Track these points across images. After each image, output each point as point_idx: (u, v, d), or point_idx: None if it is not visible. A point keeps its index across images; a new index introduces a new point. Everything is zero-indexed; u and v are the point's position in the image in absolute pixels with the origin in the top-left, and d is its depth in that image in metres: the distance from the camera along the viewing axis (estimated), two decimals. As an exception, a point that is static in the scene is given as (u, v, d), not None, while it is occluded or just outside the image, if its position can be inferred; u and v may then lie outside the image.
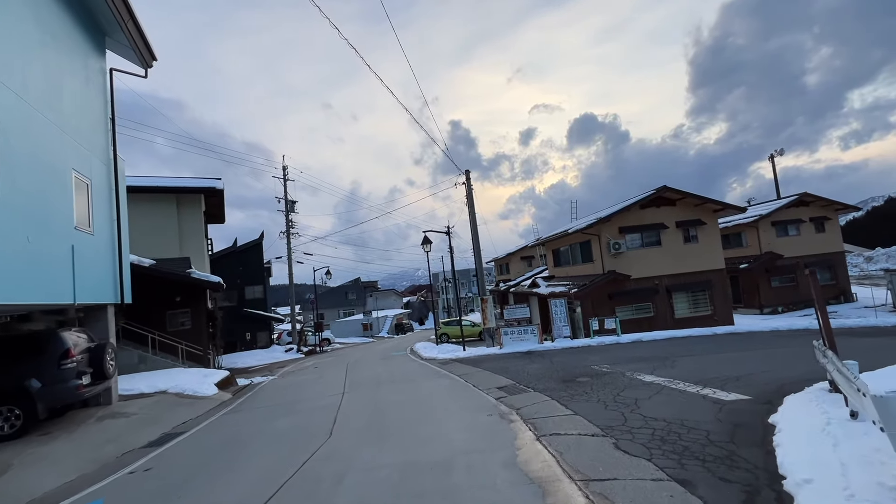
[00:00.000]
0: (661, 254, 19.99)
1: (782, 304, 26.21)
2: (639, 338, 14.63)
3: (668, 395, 7.05)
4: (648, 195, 19.82)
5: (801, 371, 8.30)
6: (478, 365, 13.17)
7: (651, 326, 19.38)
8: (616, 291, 19.74)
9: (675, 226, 20.07)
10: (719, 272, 20.12)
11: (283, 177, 33.15)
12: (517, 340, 15.50)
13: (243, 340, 31.93)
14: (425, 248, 18.42)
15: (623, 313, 19.67)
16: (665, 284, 19.84)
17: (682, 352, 11.60)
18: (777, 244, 26.51)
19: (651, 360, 10.59)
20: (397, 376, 13.06)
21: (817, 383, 7.03)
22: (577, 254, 23.24)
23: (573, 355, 12.80)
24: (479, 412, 7.19)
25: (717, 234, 20.61)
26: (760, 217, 26.57)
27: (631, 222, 20.07)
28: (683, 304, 19.94)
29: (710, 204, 19.95)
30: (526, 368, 11.33)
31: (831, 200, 26.89)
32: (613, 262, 19.84)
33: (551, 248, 27.50)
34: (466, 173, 18.27)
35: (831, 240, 27.11)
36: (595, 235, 20.42)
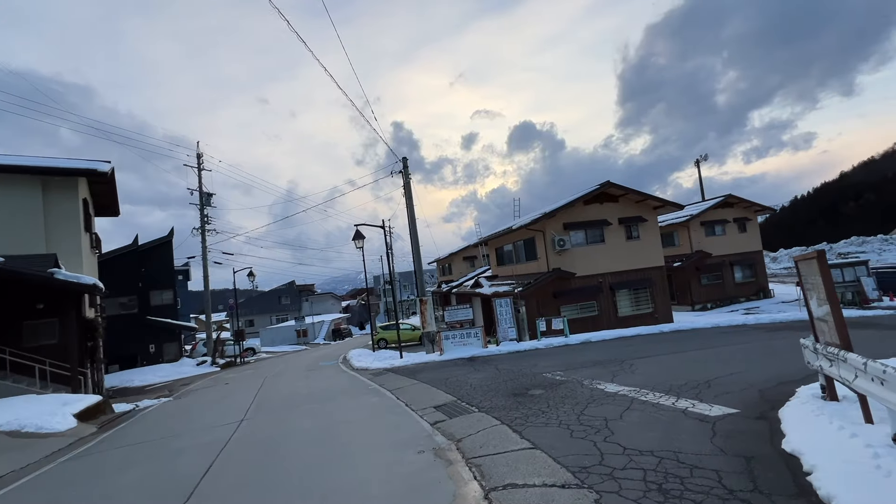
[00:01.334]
0: (605, 251, 19.55)
1: (711, 301, 27.27)
2: (588, 338, 13.68)
3: (641, 411, 5.74)
4: (592, 190, 19.29)
5: (768, 373, 7.48)
6: (415, 376, 11.39)
7: (595, 325, 18.79)
8: (561, 290, 18.94)
9: (618, 222, 19.74)
10: (659, 269, 20.09)
11: (198, 166, 29.13)
12: (459, 345, 13.95)
13: (146, 354, 27.45)
14: (357, 243, 16.35)
15: (568, 312, 18.89)
16: (609, 282, 19.40)
17: (636, 353, 10.66)
18: (706, 243, 27.57)
19: (607, 365, 9.46)
20: (318, 393, 10.90)
21: (800, 387, 6.10)
22: (520, 252, 22.30)
23: (521, 360, 11.45)
24: (408, 447, 5.41)
25: (657, 231, 20.61)
26: (691, 217, 27.50)
27: (575, 218, 19.42)
28: (626, 303, 19.63)
29: (650, 201, 19.87)
30: (469, 379, 9.74)
31: (752, 202, 28.57)
32: (558, 260, 19.04)
33: (494, 246, 26.47)
34: (403, 161, 16.50)
35: (752, 239, 28.78)
36: (539, 232, 19.52)
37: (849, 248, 48.66)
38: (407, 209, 16.41)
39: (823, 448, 3.71)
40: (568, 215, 19.41)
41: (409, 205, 16.30)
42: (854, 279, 22.63)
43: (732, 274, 27.96)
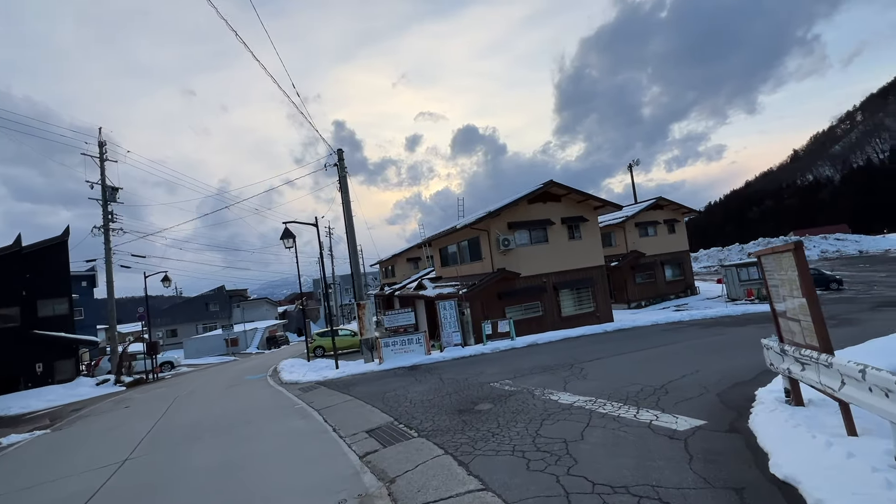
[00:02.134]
0: (549, 250, 19.43)
1: (645, 299, 28.44)
2: (534, 340, 13.19)
3: (602, 427, 5.05)
4: (536, 189, 19.09)
5: (718, 372, 7.24)
6: (349, 390, 10.13)
7: (540, 326, 18.54)
8: (506, 291, 18.49)
9: (561, 222, 19.73)
10: (600, 269, 20.37)
11: (101, 156, 25.33)
12: (401, 352, 12.86)
13: (31, 374, 23.26)
14: (286, 242, 14.67)
15: (513, 313, 18.48)
16: (552, 282, 19.29)
17: (585, 356, 10.23)
18: (640, 243, 28.76)
19: (557, 370, 8.87)
20: (233, 416, 9.28)
21: (758, 391, 5.76)
22: (465, 252, 21.65)
23: (467, 368, 10.60)
24: (327, 494, 4.26)
25: (597, 231, 20.90)
26: (626, 218, 28.54)
27: (519, 217, 19.10)
28: (570, 302, 19.64)
29: (591, 201, 20.09)
30: (410, 392, 8.69)
31: (680, 205, 30.32)
32: (503, 260, 18.59)
33: (438, 247, 25.65)
34: (339, 153, 15.09)
35: (680, 240, 30.53)
36: (484, 231, 18.96)
37: (758, 248, 53.91)
38: (343, 205, 15.02)
39: (821, 473, 3.14)
40: (512, 214, 19.03)
41: (345, 200, 14.92)
42: (767, 276, 24.60)
43: (663, 272, 29.41)
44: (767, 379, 6.50)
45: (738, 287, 25.01)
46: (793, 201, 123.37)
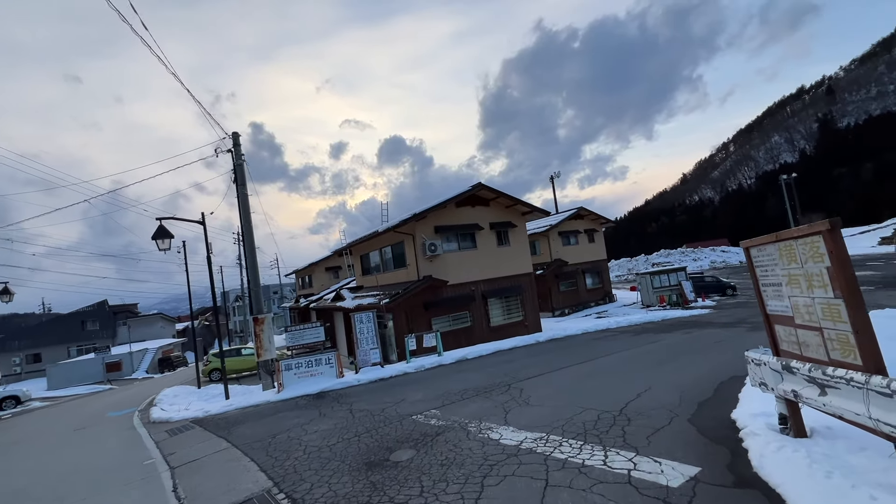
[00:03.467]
0: (477, 257, 18.35)
1: (568, 307, 28.76)
2: (464, 355, 11.73)
3: (568, 486, 3.59)
4: (464, 192, 17.96)
5: (674, 387, 6.29)
6: (230, 432, 7.74)
7: (469, 338, 17.27)
8: (433, 300, 16.97)
9: (489, 227, 18.81)
10: (529, 276, 19.76)
11: None
12: (306, 377, 10.60)
13: None
14: (160, 243, 11.61)
15: (441, 324, 16.99)
16: (481, 290, 18.19)
17: (522, 372, 8.95)
18: (563, 252, 29.15)
19: (493, 393, 7.42)
20: (44, 487, 6.43)
21: (735, 412, 4.77)
22: (388, 259, 19.80)
23: (386, 394, 8.75)
24: None
25: (526, 237, 20.35)
26: (551, 227, 28.80)
27: (447, 221, 17.80)
28: (498, 311, 18.67)
29: (520, 206, 19.48)
30: (307, 434, 6.64)
31: (599, 215, 31.45)
32: (429, 267, 17.09)
33: (359, 254, 23.46)
34: (234, 137, 12.50)
35: (599, 249, 31.62)
36: (409, 235, 17.32)
37: (660, 259, 58.97)
38: (238, 199, 12.41)
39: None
40: (439, 218, 17.66)
41: (241, 194, 12.33)
42: (676, 283, 26.06)
43: (585, 281, 30.10)
44: (730, 394, 5.63)
45: (652, 294, 26.12)
46: (683, 218, 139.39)
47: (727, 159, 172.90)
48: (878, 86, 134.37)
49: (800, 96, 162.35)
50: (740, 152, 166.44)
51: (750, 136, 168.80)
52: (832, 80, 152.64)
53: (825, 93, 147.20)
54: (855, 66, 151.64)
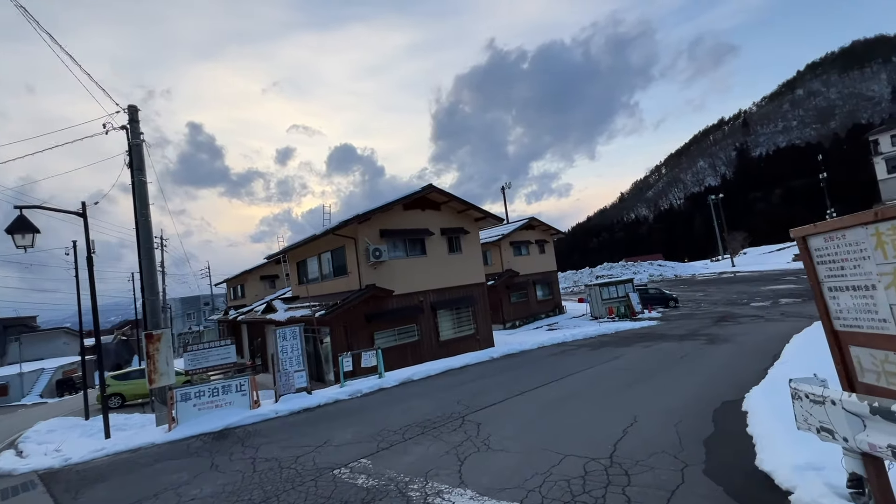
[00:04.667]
0: (426, 265, 16.86)
1: (519, 318, 27.99)
2: (409, 376, 10.06)
3: None
4: (414, 193, 16.49)
5: (664, 418, 5.11)
6: (77, 496, 5.54)
7: (416, 354, 15.64)
8: (376, 312, 15.18)
9: (440, 233, 17.43)
10: (481, 286, 18.55)
11: None
12: (209, 408, 8.42)
13: None
14: (18, 238, 8.93)
15: (384, 339, 15.23)
16: (430, 301, 16.66)
17: (478, 398, 7.49)
18: (514, 262, 28.46)
19: (443, 429, 5.88)
20: None
21: (762, 463, 3.58)
22: (327, 266, 17.75)
23: (306, 431, 6.89)
24: None
25: (479, 244, 19.19)
26: (503, 236, 28.05)
27: (394, 225, 16.18)
28: (449, 324, 17.23)
29: (473, 211, 18.30)
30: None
31: (549, 226, 31.25)
32: (373, 275, 15.32)
33: (296, 260, 21.12)
34: (131, 112, 10.12)
35: (549, 260, 31.36)
36: (351, 239, 15.48)
37: (603, 272, 60.85)
38: (134, 188, 10.00)
39: None
40: (385, 221, 16.00)
41: (137, 181, 9.94)
42: (624, 295, 26.14)
43: (535, 292, 29.58)
44: (735, 429, 4.53)
45: (601, 305, 25.96)
46: (621, 234, 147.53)
47: (660, 181, 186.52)
48: (783, 121, 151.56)
49: (720, 126, 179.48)
50: (671, 175, 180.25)
51: (679, 161, 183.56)
52: (747, 113, 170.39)
53: (741, 125, 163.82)
54: (765, 102, 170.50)
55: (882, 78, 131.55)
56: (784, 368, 6.75)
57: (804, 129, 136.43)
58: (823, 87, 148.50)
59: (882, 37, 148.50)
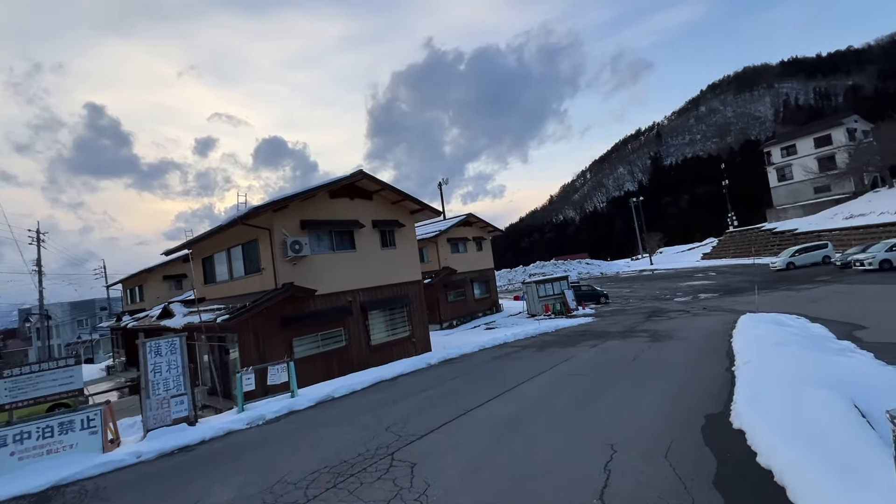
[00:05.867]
0: (356, 261, 15.01)
1: (456, 318, 26.97)
2: (330, 393, 8.27)
3: None
4: (342, 179, 14.54)
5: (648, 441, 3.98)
6: None
7: (343, 361, 13.77)
8: (295, 315, 13.06)
9: (372, 225, 15.67)
10: (417, 284, 17.05)
11: None
12: (38, 455, 6.03)
13: None
14: None
15: (305, 346, 13.19)
16: (360, 301, 14.84)
17: (412, 421, 6.00)
18: (451, 260, 27.37)
19: (364, 477, 4.29)
20: None
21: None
22: (237, 262, 15.18)
23: (167, 492, 4.90)
24: None
25: (415, 239, 17.68)
26: (440, 232, 26.83)
27: (318, 215, 14.14)
28: (381, 326, 15.51)
29: (408, 202, 16.73)
30: None
31: (487, 223, 30.61)
32: (292, 272, 13.18)
33: (203, 255, 18.07)
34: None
35: (487, 257, 30.73)
36: (265, 230, 13.19)
37: (536, 270, 62.32)
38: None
39: None
40: (308, 210, 13.93)
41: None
42: (560, 292, 26.17)
43: (473, 290, 28.76)
44: (739, 455, 3.49)
45: (538, 303, 25.73)
46: (551, 235, 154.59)
47: (585, 185, 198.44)
48: (689, 134, 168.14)
49: (638, 137, 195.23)
50: (595, 180, 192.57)
51: (602, 167, 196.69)
52: (660, 126, 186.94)
53: (655, 136, 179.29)
54: (675, 117, 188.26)
55: (766, 101, 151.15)
56: (750, 370, 6.08)
57: (706, 142, 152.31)
58: (721, 105, 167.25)
59: (766, 65, 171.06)
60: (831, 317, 12.80)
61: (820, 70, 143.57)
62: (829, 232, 35.42)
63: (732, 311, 17.20)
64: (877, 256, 22.99)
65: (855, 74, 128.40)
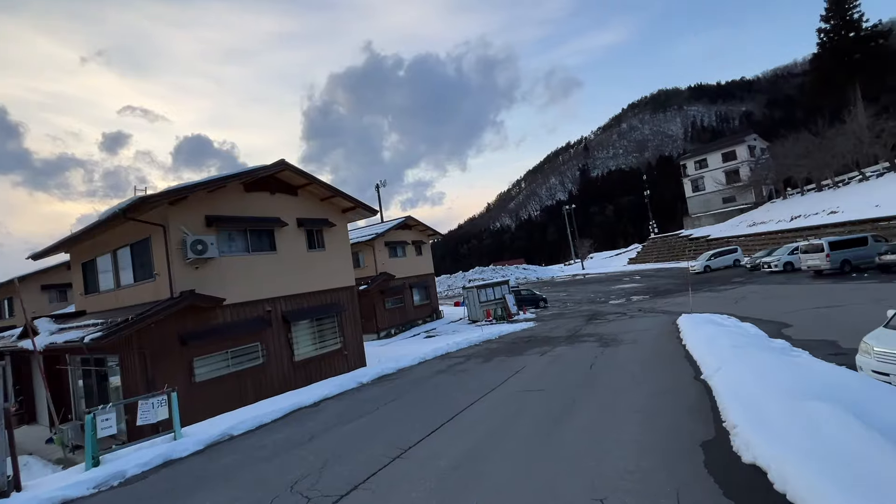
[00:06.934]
0: (278, 264, 12.99)
1: (395, 326, 25.39)
2: (227, 430, 6.44)
3: None
4: (257, 169, 12.50)
5: None
6: None
7: (260, 383, 11.71)
8: (197, 329, 10.81)
9: (298, 224, 13.74)
10: (350, 291, 15.29)
11: None
12: None
13: None
14: None
15: (211, 367, 10.98)
16: (282, 310, 12.83)
17: (331, 471, 4.52)
18: (390, 265, 25.80)
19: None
20: None
21: None
22: (125, 266, 12.47)
23: None
24: None
25: (347, 240, 15.93)
26: (377, 236, 25.17)
27: (229, 210, 11.99)
28: (307, 339, 13.57)
29: (340, 199, 14.98)
30: None
31: (427, 226, 29.41)
32: (194, 278, 10.93)
33: (83, 259, 14.86)
34: None
35: (426, 262, 29.50)
36: (158, 226, 10.82)
37: (475, 276, 62.30)
38: None
39: None
40: (217, 203, 11.76)
41: None
42: (501, 297, 25.63)
43: (412, 296, 27.36)
44: None
45: (479, 308, 24.94)
46: (489, 241, 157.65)
47: (520, 194, 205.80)
48: (613, 148, 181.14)
49: (568, 149, 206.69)
50: (529, 189, 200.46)
51: (536, 177, 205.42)
52: (588, 140, 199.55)
53: (584, 149, 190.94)
54: (600, 132, 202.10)
55: (678, 121, 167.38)
56: (725, 380, 5.40)
57: (627, 156, 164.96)
58: (640, 123, 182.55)
59: (676, 89, 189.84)
60: (756, 315, 13.14)
61: (720, 96, 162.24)
62: (736, 238, 38.83)
63: (666, 312, 17.52)
64: (781, 259, 25.17)
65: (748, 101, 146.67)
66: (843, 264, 20.53)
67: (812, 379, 5.06)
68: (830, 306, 13.15)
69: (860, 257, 20.53)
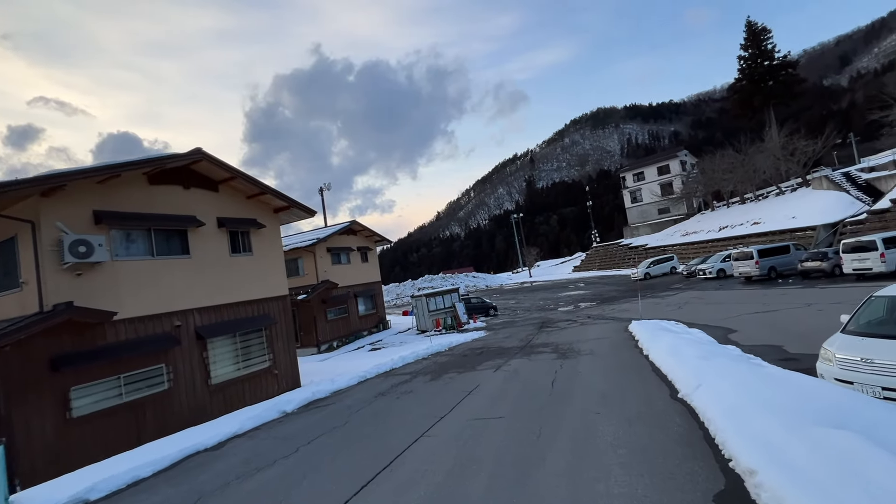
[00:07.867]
0: (192, 271, 11.02)
1: (337, 338, 23.51)
2: (81, 496, 4.72)
3: None
4: (166, 158, 10.55)
5: None
6: None
7: (162, 412, 9.72)
8: (77, 351, 8.67)
9: (218, 224, 11.84)
10: (282, 301, 13.48)
11: None
12: None
13: None
14: None
15: (95, 398, 8.88)
16: (195, 325, 10.85)
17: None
18: (333, 272, 23.94)
19: None
20: None
21: None
22: (-15, 273, 9.95)
23: None
24: None
25: (279, 244, 14.13)
26: (318, 241, 23.26)
27: (127, 205, 9.94)
28: (227, 358, 11.63)
29: (271, 197, 13.21)
30: None
31: (373, 231, 27.82)
32: (76, 287, 8.80)
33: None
34: None
35: (373, 270, 27.89)
36: (26, 222, 8.62)
37: (424, 284, 61.08)
38: None
39: None
40: (111, 197, 9.70)
41: None
42: (451, 305, 24.65)
43: (357, 306, 25.61)
44: None
45: (428, 318, 23.76)
46: (438, 250, 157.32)
47: (469, 203, 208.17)
48: (556, 162, 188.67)
49: (514, 161, 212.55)
50: (478, 198, 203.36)
51: (484, 186, 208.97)
52: (533, 152, 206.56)
53: (529, 161, 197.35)
54: (545, 145, 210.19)
55: (615, 138, 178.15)
56: (711, 400, 4.66)
57: (570, 169, 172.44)
58: (581, 139, 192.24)
59: (613, 108, 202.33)
60: (701, 321, 13.12)
61: (652, 116, 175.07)
62: (672, 247, 40.92)
63: (615, 318, 17.38)
64: (715, 266, 26.48)
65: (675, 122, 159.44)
66: (770, 270, 21.77)
67: (804, 396, 4.43)
68: (767, 311, 13.45)
69: (784, 264, 21.91)
